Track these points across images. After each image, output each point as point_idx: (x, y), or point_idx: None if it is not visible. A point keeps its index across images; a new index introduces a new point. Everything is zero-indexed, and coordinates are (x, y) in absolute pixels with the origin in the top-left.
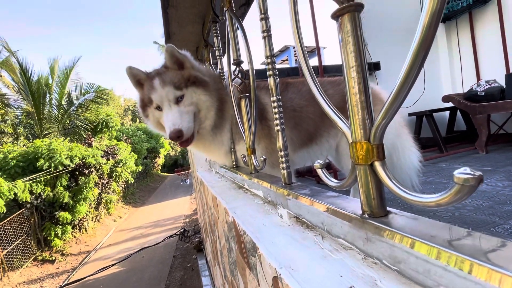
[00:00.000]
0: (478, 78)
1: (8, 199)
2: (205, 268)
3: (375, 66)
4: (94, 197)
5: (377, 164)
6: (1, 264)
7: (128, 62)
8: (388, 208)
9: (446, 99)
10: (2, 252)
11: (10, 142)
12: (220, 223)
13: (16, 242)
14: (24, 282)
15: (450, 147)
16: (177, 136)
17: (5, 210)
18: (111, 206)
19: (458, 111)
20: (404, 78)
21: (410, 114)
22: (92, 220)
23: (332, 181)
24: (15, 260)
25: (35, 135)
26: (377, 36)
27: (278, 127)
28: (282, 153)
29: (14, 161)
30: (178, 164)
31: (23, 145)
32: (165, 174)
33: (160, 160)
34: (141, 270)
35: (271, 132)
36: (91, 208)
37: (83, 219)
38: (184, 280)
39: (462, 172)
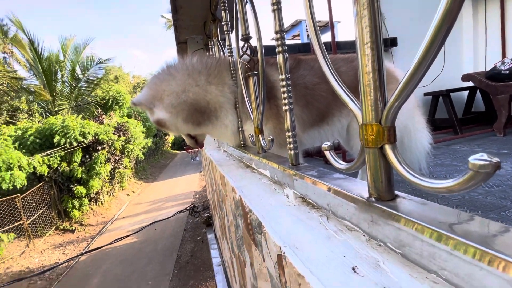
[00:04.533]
0: (504, 56)
1: (28, 173)
2: (214, 241)
3: (392, 42)
4: (107, 172)
5: (387, 147)
6: (27, 232)
7: (136, 39)
8: (396, 192)
9: (466, 78)
10: (26, 221)
11: (26, 118)
12: (228, 201)
13: (38, 213)
14: (47, 248)
15: (466, 128)
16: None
17: (26, 183)
18: (124, 181)
19: (478, 91)
20: (423, 55)
21: (425, 94)
22: (107, 194)
23: (339, 164)
24: (38, 228)
25: (49, 112)
26: (395, 10)
27: (287, 107)
28: (290, 133)
29: (32, 138)
30: None
31: (38, 122)
32: (175, 151)
33: (170, 138)
34: (155, 241)
35: (279, 111)
36: (105, 182)
37: (98, 193)
38: (194, 251)
39: (478, 158)
